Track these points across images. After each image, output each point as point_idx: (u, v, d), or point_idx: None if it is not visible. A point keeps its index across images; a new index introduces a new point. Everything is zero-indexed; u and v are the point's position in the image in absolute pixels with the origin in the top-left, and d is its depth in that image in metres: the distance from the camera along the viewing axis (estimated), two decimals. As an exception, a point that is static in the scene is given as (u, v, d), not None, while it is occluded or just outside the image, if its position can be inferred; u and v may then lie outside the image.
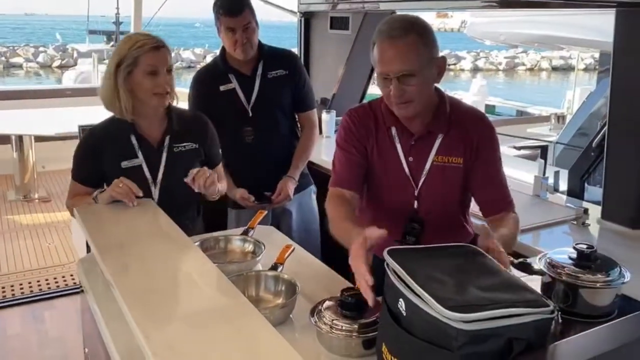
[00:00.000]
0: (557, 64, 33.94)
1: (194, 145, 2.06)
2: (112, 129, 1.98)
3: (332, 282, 1.65)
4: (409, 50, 1.52)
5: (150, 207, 1.87)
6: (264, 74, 2.49)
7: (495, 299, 1.04)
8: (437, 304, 0.99)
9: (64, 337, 3.11)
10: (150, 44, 1.87)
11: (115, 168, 1.93)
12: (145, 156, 1.97)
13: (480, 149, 1.66)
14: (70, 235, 4.48)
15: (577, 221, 2.18)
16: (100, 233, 1.70)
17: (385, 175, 1.73)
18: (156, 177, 1.98)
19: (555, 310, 1.04)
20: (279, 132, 2.55)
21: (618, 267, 1.51)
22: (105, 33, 21.80)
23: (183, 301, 1.28)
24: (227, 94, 2.46)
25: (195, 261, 1.48)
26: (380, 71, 1.57)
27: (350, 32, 3.72)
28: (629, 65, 2.05)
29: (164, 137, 2.00)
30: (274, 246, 1.77)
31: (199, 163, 2.05)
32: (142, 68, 1.87)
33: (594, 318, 1.43)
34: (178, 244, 1.59)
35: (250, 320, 1.17)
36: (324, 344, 1.32)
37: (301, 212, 2.66)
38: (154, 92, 1.89)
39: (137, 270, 1.45)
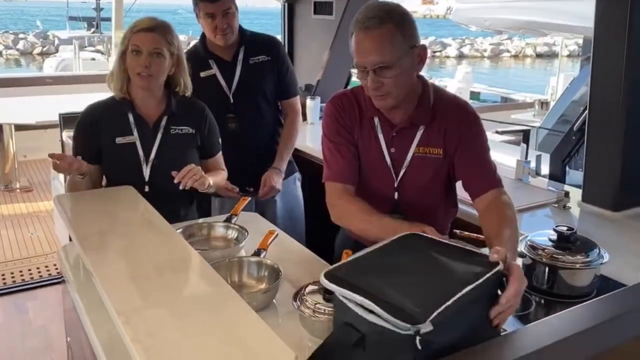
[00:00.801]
0: (541, 50, 34.10)
1: (191, 130, 2.06)
2: (112, 106, 2.02)
3: (315, 267, 1.65)
4: (385, 41, 1.47)
5: (132, 195, 1.85)
6: (246, 59, 2.46)
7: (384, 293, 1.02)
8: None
9: (47, 327, 3.09)
10: (142, 26, 1.91)
11: (109, 143, 1.97)
12: (140, 134, 1.99)
13: (463, 138, 1.62)
14: (53, 225, 4.43)
15: (559, 204, 2.20)
16: (80, 221, 1.68)
17: (367, 165, 1.70)
18: (149, 156, 1.99)
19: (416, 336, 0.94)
20: (262, 119, 2.53)
21: (597, 248, 1.53)
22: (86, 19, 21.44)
23: (164, 288, 1.27)
24: (207, 80, 2.43)
25: (176, 248, 1.47)
26: (357, 63, 1.52)
27: (334, 17, 3.69)
28: (609, 51, 2.06)
29: (161, 118, 2.02)
30: (257, 232, 1.77)
31: (194, 149, 2.07)
32: (130, 48, 1.92)
33: (574, 298, 1.46)
34: (159, 231, 1.58)
35: (232, 306, 1.16)
36: (307, 328, 1.32)
37: (285, 199, 2.65)
38: (135, 71, 1.92)
39: (117, 258, 1.44)
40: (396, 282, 1.06)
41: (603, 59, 2.09)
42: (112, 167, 2.01)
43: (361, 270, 1.12)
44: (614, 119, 2.07)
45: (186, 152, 2.04)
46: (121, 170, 1.99)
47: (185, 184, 1.86)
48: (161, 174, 1.97)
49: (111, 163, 2.00)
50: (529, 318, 1.43)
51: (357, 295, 1.02)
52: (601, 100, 2.12)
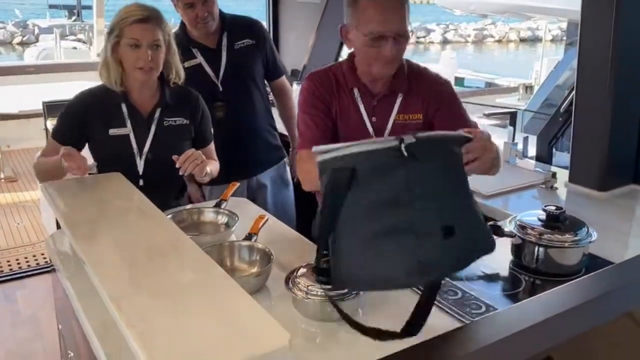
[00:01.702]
0: (524, 35, 34.17)
1: (185, 121, 2.02)
2: (104, 96, 1.94)
3: (306, 250, 1.65)
4: (405, 12, 1.57)
5: (121, 181, 1.83)
6: (230, 45, 2.41)
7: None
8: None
9: (37, 315, 3.07)
10: (136, 16, 1.82)
11: (102, 134, 1.91)
12: (133, 126, 1.94)
13: (442, 101, 1.70)
14: (40, 215, 4.39)
15: (546, 185, 2.23)
16: (69, 209, 1.67)
17: (349, 137, 1.70)
18: (142, 149, 1.95)
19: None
20: (253, 104, 2.49)
21: (585, 227, 1.55)
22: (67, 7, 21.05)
23: (156, 273, 1.27)
24: (193, 70, 2.34)
25: (167, 233, 1.46)
26: (375, 30, 1.55)
27: (319, 0, 3.67)
28: (595, 33, 2.07)
29: (155, 110, 1.97)
30: (247, 217, 1.76)
31: (188, 140, 2.02)
32: (126, 41, 1.84)
33: (563, 277, 1.48)
34: (150, 217, 1.57)
35: (225, 289, 1.16)
36: (300, 310, 1.33)
37: (276, 185, 2.64)
38: (136, 66, 1.86)
39: (108, 244, 1.43)
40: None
41: (590, 41, 2.10)
42: (104, 159, 1.97)
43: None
44: (600, 101, 2.09)
45: (180, 144, 1.97)
46: (114, 163, 1.92)
47: (185, 169, 1.80)
48: (155, 167, 1.95)
49: (103, 155, 1.96)
50: (518, 297, 1.45)
51: (341, 145, 1.04)
52: (588, 82, 2.14)
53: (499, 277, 1.54)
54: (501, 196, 2.16)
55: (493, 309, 1.34)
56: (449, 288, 1.43)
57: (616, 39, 1.99)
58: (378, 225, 1.01)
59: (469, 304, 1.36)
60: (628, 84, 2.08)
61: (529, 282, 1.52)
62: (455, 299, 1.38)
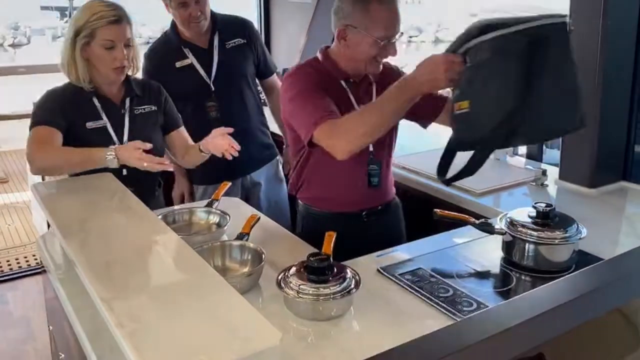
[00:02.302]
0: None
1: (153, 108, 2.05)
2: (73, 93, 1.93)
3: (298, 248, 1.65)
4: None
5: (110, 181, 1.82)
6: (222, 44, 2.41)
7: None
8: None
9: (29, 317, 3.06)
10: (109, 17, 1.82)
11: (80, 129, 1.90)
12: (108, 117, 1.95)
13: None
14: (31, 216, 4.37)
15: (536, 182, 2.24)
16: (59, 209, 1.66)
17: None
18: (122, 138, 1.96)
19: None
20: (245, 103, 2.49)
21: (575, 224, 1.56)
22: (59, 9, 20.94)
23: (147, 272, 1.26)
24: (184, 70, 2.36)
25: (158, 233, 1.46)
26: (388, 34, 1.68)
27: (310, 0, 3.66)
28: (584, 34, 2.08)
29: (125, 100, 1.99)
30: (239, 217, 1.76)
31: (158, 126, 2.06)
32: (99, 42, 1.84)
33: (554, 273, 1.49)
34: (140, 216, 1.56)
35: (216, 288, 1.16)
36: (292, 309, 1.33)
37: (270, 183, 2.64)
38: (112, 66, 1.87)
39: (99, 244, 1.42)
40: None
41: (578, 41, 2.11)
42: None
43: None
44: (589, 98, 2.10)
45: (153, 130, 2.03)
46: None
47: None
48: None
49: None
50: (509, 294, 1.46)
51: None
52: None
53: (490, 275, 1.55)
54: (492, 194, 2.17)
55: (484, 306, 1.34)
56: (440, 286, 1.44)
57: (604, 37, 2.00)
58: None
59: (460, 302, 1.36)
60: (616, 82, 2.09)
61: (520, 279, 1.52)
62: (446, 297, 1.38)
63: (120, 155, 1.75)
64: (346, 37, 1.71)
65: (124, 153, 1.75)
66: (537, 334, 1.05)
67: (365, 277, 1.45)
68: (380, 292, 1.44)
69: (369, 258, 1.62)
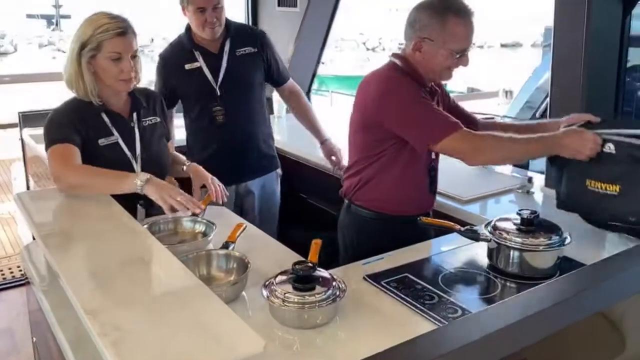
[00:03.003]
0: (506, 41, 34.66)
1: (157, 119, 2.06)
2: (81, 109, 1.90)
3: (284, 257, 1.65)
4: None
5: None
6: (232, 51, 2.46)
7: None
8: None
9: (13, 328, 3.02)
10: (115, 29, 1.81)
11: (92, 146, 1.87)
12: (119, 132, 1.93)
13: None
14: (16, 226, 4.32)
15: (522, 189, 2.25)
16: (43, 219, 1.65)
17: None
18: (135, 152, 1.94)
19: None
20: (249, 111, 2.51)
21: (559, 230, 1.57)
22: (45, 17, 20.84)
23: (131, 283, 1.25)
24: (193, 72, 2.42)
25: (142, 242, 1.45)
26: (464, 47, 1.78)
27: (298, 9, 3.67)
28: (569, 37, 2.10)
29: (132, 113, 1.98)
30: (226, 226, 1.75)
31: (163, 137, 2.08)
32: (106, 54, 1.82)
33: (538, 280, 1.49)
34: (125, 226, 1.56)
35: (200, 298, 1.16)
36: (277, 318, 1.33)
37: (264, 193, 2.65)
38: (119, 78, 1.85)
39: (82, 254, 1.41)
40: None
41: (563, 46, 2.14)
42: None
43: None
44: (574, 106, 2.12)
45: (160, 142, 2.04)
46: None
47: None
48: (150, 168, 1.93)
49: (98, 166, 1.85)
50: (494, 300, 1.46)
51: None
52: (561, 88, 2.17)
53: (475, 281, 1.55)
54: (479, 201, 2.18)
55: (469, 312, 1.35)
56: (426, 293, 1.44)
57: (587, 44, 2.02)
58: None
59: (444, 308, 1.36)
60: (600, 89, 2.12)
61: (505, 285, 1.53)
62: (431, 304, 1.39)
63: (148, 190, 1.68)
64: (422, 48, 1.79)
65: (155, 191, 1.68)
66: (521, 338, 1.06)
67: (352, 285, 1.45)
68: (366, 299, 1.44)
69: (355, 266, 1.63)
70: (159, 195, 1.68)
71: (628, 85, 2.97)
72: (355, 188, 1.97)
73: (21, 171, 3.57)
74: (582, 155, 1.67)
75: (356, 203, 1.98)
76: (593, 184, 1.68)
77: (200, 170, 2.01)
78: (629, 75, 3.20)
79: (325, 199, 2.85)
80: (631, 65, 3.04)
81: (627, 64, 2.25)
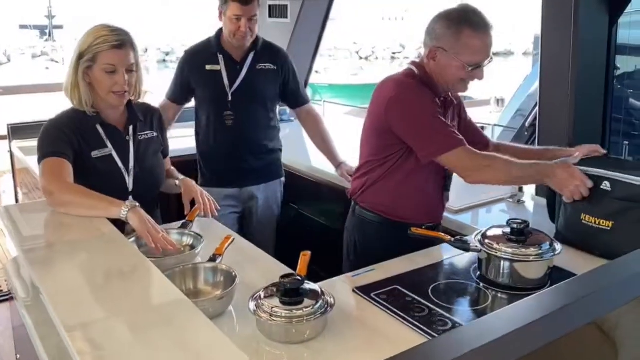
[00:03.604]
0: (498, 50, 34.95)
1: (154, 134, 2.05)
2: (76, 121, 1.89)
3: (272, 270, 1.62)
4: None
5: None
6: (253, 64, 2.53)
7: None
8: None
9: None
10: (111, 42, 1.80)
11: (85, 158, 1.86)
12: (113, 145, 1.92)
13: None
14: (5, 239, 4.28)
15: (513, 199, 2.24)
16: (27, 233, 1.62)
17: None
18: (128, 165, 1.93)
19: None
20: (256, 121, 2.57)
21: (549, 240, 1.56)
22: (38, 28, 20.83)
23: (114, 298, 1.23)
24: (211, 74, 2.51)
25: (127, 256, 1.43)
26: (479, 61, 1.77)
27: (289, 20, 3.68)
28: (556, 46, 2.11)
29: (128, 126, 1.97)
30: (214, 238, 1.73)
31: (160, 152, 2.07)
32: (101, 66, 1.82)
33: (529, 290, 1.48)
34: (110, 239, 1.53)
35: (184, 314, 1.13)
36: (265, 333, 1.30)
37: (266, 199, 2.69)
38: (111, 90, 1.85)
39: (65, 269, 1.38)
40: None
41: (551, 55, 2.14)
42: (91, 182, 1.85)
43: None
44: (562, 114, 2.12)
45: (156, 156, 2.04)
46: (102, 184, 1.82)
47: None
48: (143, 182, 1.95)
49: (90, 178, 1.86)
50: (485, 312, 1.44)
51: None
52: (550, 96, 2.17)
53: (466, 292, 1.54)
54: (470, 210, 2.17)
55: (459, 325, 1.33)
56: (416, 305, 1.42)
57: (575, 49, 2.03)
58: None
59: (435, 321, 1.35)
60: (588, 96, 2.12)
61: (496, 296, 1.51)
62: (421, 316, 1.37)
63: (131, 218, 1.63)
64: (436, 57, 1.80)
65: (137, 221, 1.62)
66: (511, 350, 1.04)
67: (341, 298, 1.43)
68: (355, 313, 1.42)
69: (344, 278, 1.61)
70: (139, 226, 1.61)
71: (617, 92, 2.99)
72: (362, 190, 1.98)
73: (10, 184, 3.54)
74: (565, 193, 1.70)
75: (361, 205, 1.99)
76: (588, 218, 1.70)
77: (191, 186, 2.01)
78: (619, 82, 3.23)
79: (319, 210, 2.84)
80: (620, 73, 3.06)
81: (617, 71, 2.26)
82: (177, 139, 2.83)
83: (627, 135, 3.16)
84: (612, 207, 1.65)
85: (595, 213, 1.68)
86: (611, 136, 2.32)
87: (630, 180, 1.64)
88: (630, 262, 1.38)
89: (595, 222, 1.68)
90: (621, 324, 1.43)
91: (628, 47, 2.65)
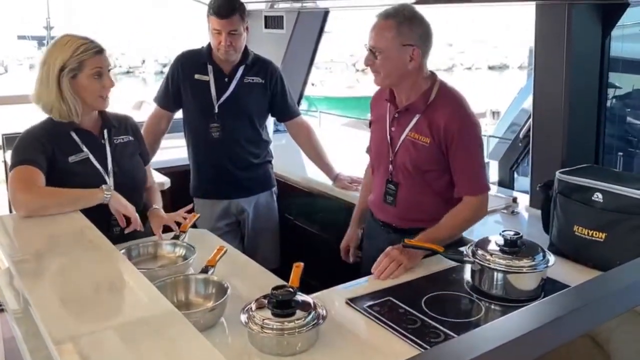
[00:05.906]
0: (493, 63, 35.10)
1: (131, 138, 2.07)
2: (51, 129, 1.90)
3: (264, 281, 1.62)
4: (381, 31, 1.77)
5: (73, 214, 1.77)
6: (242, 77, 2.52)
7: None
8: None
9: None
10: (92, 49, 1.86)
11: (63, 164, 1.87)
12: (89, 149, 1.93)
13: (448, 136, 1.78)
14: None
15: (508, 210, 2.24)
16: (16, 244, 1.61)
17: (374, 140, 1.99)
18: (107, 167, 1.95)
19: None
20: (241, 135, 2.55)
21: (543, 252, 1.55)
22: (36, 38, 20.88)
23: (103, 310, 1.22)
24: (199, 83, 2.49)
25: (117, 267, 1.42)
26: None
27: (285, 31, 3.69)
28: (549, 59, 2.12)
29: (103, 131, 1.99)
30: (207, 249, 1.72)
31: (137, 156, 2.08)
32: (89, 72, 1.85)
33: (522, 302, 1.47)
34: (100, 250, 1.52)
35: (174, 326, 1.12)
36: (256, 345, 1.29)
37: (257, 212, 2.67)
38: (99, 94, 1.89)
39: (54, 281, 1.37)
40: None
41: (544, 67, 2.15)
42: (73, 186, 1.87)
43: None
44: (556, 126, 2.13)
45: (134, 159, 2.06)
46: (84, 187, 1.85)
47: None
48: (123, 182, 1.95)
49: (70, 182, 1.87)
50: (479, 323, 1.43)
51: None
52: (544, 108, 2.18)
53: (459, 304, 1.53)
54: (464, 222, 2.15)
55: (451, 337, 1.32)
56: (409, 317, 1.41)
57: (568, 64, 2.04)
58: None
59: (427, 333, 1.34)
60: (581, 108, 2.13)
61: (489, 308, 1.50)
62: (414, 328, 1.36)
63: (112, 202, 1.82)
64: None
65: (117, 203, 1.82)
66: (505, 363, 1.04)
67: (333, 310, 1.42)
68: (348, 324, 1.41)
69: (337, 290, 1.60)
70: (119, 209, 1.81)
71: (616, 110, 2.99)
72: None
73: (3, 194, 3.51)
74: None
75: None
76: (580, 230, 1.71)
77: (158, 216, 1.98)
78: (621, 100, 3.24)
79: (314, 220, 2.84)
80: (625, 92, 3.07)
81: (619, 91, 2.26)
82: (169, 150, 2.84)
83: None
84: (604, 218, 1.66)
85: (588, 224, 1.69)
86: (605, 151, 2.32)
87: (621, 191, 1.64)
88: (624, 273, 1.38)
89: (588, 233, 1.69)
90: (614, 335, 1.42)
91: (621, 60, 2.67)
